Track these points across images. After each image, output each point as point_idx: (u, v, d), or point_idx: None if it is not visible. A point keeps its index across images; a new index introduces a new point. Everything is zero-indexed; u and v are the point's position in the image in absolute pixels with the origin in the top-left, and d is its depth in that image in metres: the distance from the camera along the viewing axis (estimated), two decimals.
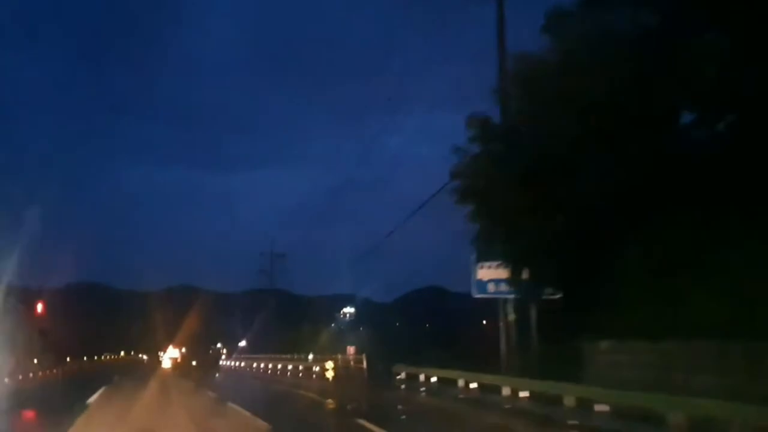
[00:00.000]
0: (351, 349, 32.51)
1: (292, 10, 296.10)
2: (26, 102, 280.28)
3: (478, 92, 17.35)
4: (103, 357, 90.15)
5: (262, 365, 42.01)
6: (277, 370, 38.35)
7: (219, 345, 50.19)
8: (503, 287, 18.74)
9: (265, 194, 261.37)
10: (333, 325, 52.08)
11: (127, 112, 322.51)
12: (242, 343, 41.86)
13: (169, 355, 49.00)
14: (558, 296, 17.05)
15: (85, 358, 69.94)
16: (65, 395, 23.03)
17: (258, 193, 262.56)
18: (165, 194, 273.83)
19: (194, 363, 44.65)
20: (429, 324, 58.42)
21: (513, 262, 16.54)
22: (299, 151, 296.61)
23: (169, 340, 51.17)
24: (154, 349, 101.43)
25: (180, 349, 48.84)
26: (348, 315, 60.26)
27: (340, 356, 31.43)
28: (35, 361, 39.79)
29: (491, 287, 19.60)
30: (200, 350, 49.96)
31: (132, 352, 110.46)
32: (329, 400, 18.77)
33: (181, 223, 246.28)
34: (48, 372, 38.51)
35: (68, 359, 54.13)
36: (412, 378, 23.38)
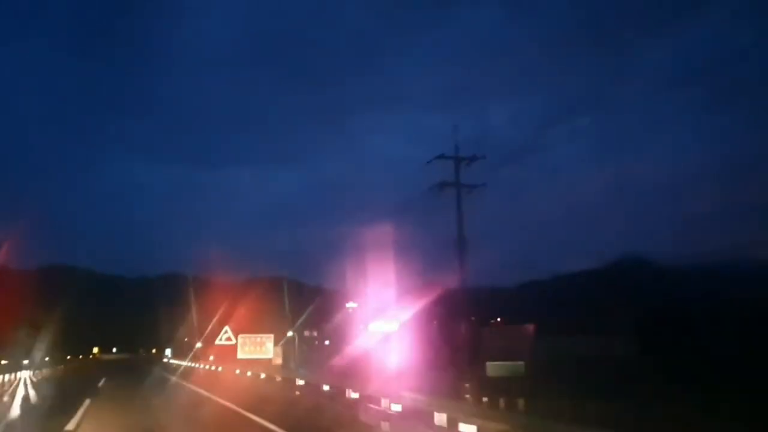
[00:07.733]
0: None
1: (283, 11, 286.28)
2: (20, 96, 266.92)
3: None
4: (80, 356, 73.69)
5: None
6: None
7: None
8: None
9: (255, 189, 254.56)
10: None
11: (115, 107, 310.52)
12: None
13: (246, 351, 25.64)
14: None
15: (46, 359, 52.98)
16: None
17: (247, 189, 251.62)
18: (157, 187, 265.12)
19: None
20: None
21: None
22: (289, 148, 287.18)
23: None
24: (149, 346, 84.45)
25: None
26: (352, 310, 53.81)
27: None
28: None
29: None
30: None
31: (114, 350, 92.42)
32: None
33: (169, 214, 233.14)
34: None
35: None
36: None
